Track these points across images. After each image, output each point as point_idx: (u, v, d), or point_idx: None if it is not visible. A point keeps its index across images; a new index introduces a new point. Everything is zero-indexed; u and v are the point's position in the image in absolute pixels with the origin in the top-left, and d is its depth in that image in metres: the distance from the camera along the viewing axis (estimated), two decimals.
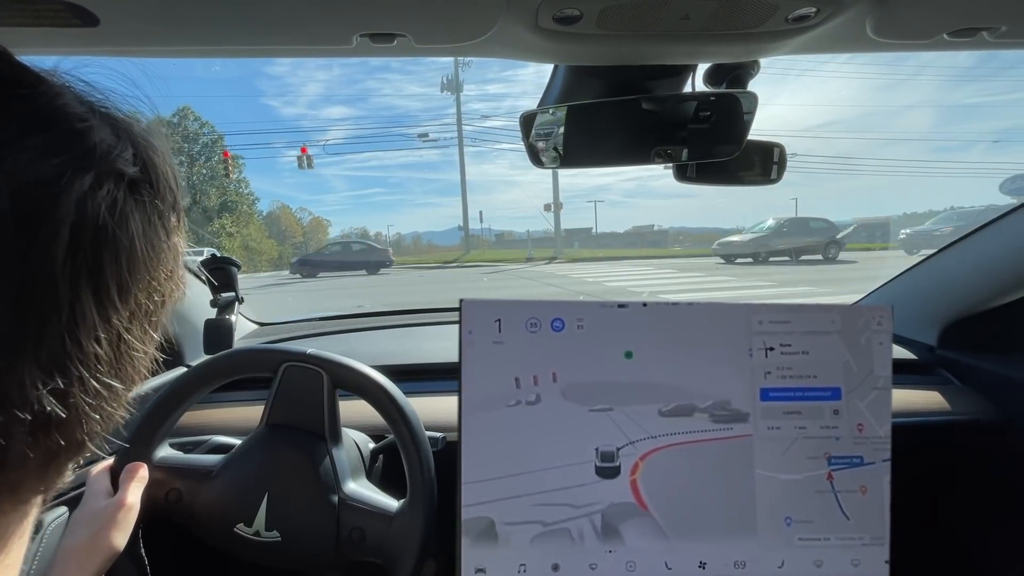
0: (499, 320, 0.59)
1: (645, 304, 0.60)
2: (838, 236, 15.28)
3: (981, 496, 0.89)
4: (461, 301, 0.58)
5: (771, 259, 14.59)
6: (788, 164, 0.69)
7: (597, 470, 0.58)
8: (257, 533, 0.59)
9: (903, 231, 15.34)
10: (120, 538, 0.53)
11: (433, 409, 0.82)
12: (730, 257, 15.13)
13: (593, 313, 0.60)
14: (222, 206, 32.44)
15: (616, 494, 0.58)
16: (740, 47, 0.51)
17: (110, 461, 0.60)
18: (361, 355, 0.66)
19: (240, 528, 0.59)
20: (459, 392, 0.57)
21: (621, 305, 0.60)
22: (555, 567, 0.58)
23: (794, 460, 0.59)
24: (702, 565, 0.58)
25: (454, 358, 0.58)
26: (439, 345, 1.04)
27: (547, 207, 25.00)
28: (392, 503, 0.61)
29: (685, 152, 0.60)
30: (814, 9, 0.44)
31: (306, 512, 0.60)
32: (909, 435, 0.67)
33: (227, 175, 27.45)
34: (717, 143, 0.60)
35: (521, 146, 0.63)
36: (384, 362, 0.89)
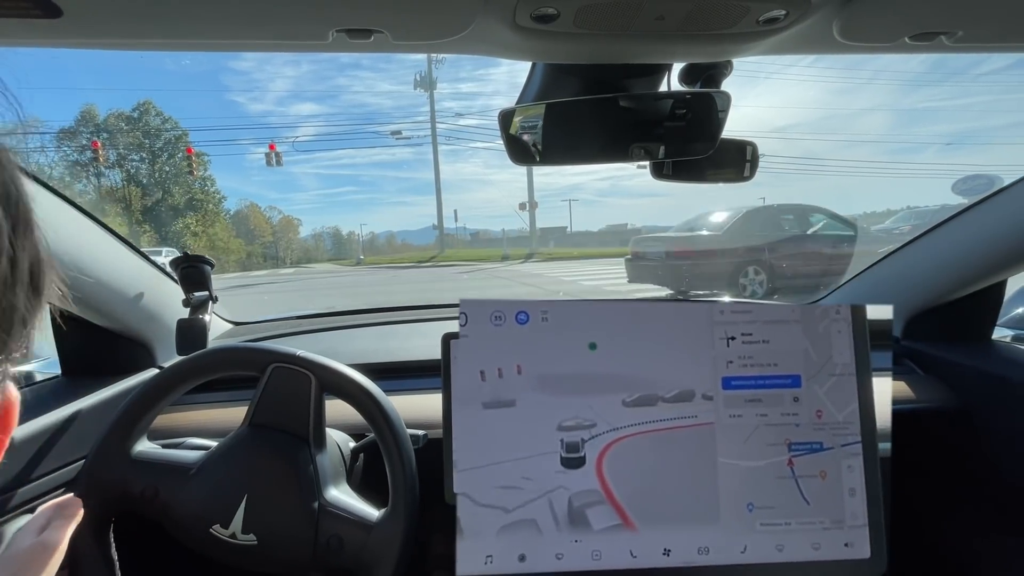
0: (464, 314, 0.60)
1: (610, 300, 0.61)
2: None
3: (945, 481, 0.93)
4: (462, 301, 0.59)
5: None
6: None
7: (563, 460, 0.59)
8: (233, 535, 0.58)
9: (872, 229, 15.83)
10: None
11: (410, 406, 0.82)
12: None
13: (557, 306, 0.61)
14: (187, 205, 31.41)
15: (582, 484, 0.59)
16: (714, 47, 0.52)
17: (61, 499, 0.56)
18: (340, 354, 0.66)
19: (216, 529, 0.58)
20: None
21: (586, 300, 0.61)
22: (521, 557, 0.59)
23: (755, 447, 0.61)
24: (666, 552, 0.59)
25: (430, 355, 0.58)
26: (417, 343, 1.04)
27: (522, 206, 25.06)
28: (372, 512, 0.60)
29: (662, 150, 0.61)
30: (783, 12, 0.45)
31: (285, 516, 0.58)
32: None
33: (191, 173, 26.58)
34: (692, 141, 0.61)
35: (496, 145, 0.63)
36: (364, 360, 0.88)
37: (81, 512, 0.55)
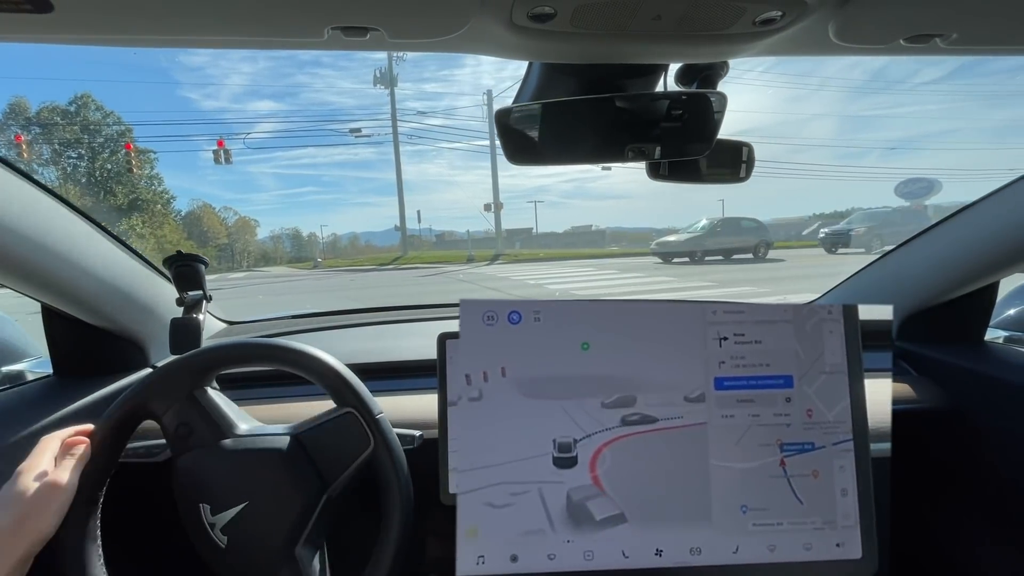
0: (463, 314, 0.60)
1: (603, 300, 0.61)
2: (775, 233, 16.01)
3: (937, 481, 0.95)
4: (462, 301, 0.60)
5: (706, 259, 15.09)
6: None
7: (555, 460, 0.59)
8: (213, 525, 0.56)
9: (821, 230, 16.57)
10: (49, 521, 0.50)
11: (406, 406, 0.83)
12: (667, 257, 15.50)
13: (550, 306, 0.61)
14: (131, 205, 29.82)
15: (575, 484, 0.59)
16: (710, 48, 0.52)
17: (69, 431, 0.56)
18: (335, 353, 0.65)
19: (204, 508, 0.56)
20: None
21: (579, 300, 0.62)
22: (513, 558, 0.58)
23: (748, 447, 0.61)
24: (659, 552, 0.59)
25: (425, 355, 0.57)
26: (412, 343, 1.03)
27: (487, 207, 25.05)
28: None
29: (658, 150, 0.60)
30: (779, 13, 0.45)
31: (260, 547, 0.57)
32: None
33: (131, 170, 25.19)
34: (689, 141, 0.61)
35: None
36: (358, 360, 0.87)
37: (88, 450, 0.55)
